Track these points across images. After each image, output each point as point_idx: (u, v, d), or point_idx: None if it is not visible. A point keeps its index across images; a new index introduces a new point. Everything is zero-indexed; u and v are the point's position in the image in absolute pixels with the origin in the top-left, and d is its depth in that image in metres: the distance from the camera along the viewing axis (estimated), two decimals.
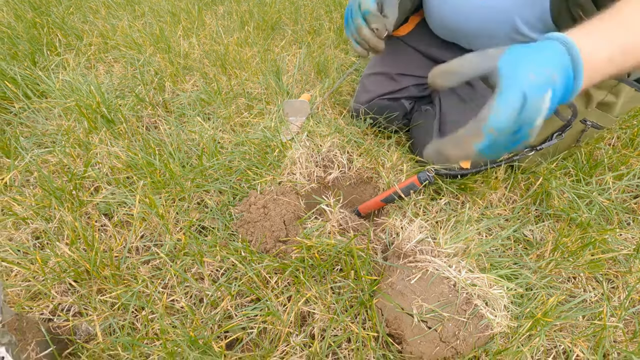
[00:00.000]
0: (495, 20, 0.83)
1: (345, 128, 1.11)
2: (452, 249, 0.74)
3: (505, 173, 0.97)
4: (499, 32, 0.84)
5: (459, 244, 0.75)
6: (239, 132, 1.10)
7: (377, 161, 1.02)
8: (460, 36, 0.95)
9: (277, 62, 1.34)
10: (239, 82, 1.27)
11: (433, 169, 0.90)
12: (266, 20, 1.63)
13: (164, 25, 1.57)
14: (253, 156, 0.95)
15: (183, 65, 1.32)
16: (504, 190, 0.94)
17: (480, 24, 0.85)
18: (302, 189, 0.98)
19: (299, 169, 0.98)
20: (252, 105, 1.17)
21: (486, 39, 0.87)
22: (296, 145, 1.01)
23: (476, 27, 0.87)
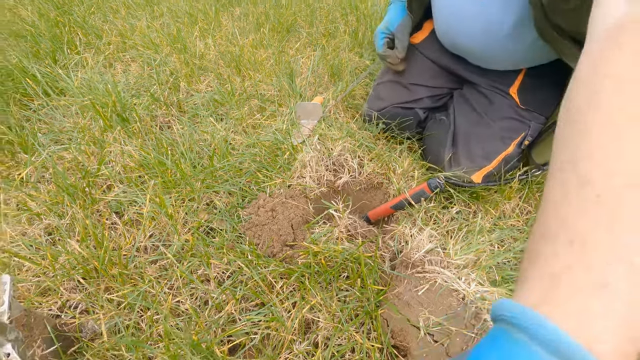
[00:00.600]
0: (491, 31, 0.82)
1: (357, 132, 1.10)
2: (462, 260, 0.72)
3: (520, 183, 0.94)
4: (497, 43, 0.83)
5: (470, 255, 0.73)
6: (250, 133, 1.11)
7: (388, 167, 1.01)
8: (462, 51, 0.94)
9: (290, 64, 1.34)
10: (252, 84, 1.28)
11: (444, 177, 0.88)
12: (282, 22, 1.63)
13: (181, 26, 1.58)
14: (263, 158, 0.95)
15: (198, 65, 1.33)
16: (518, 200, 0.91)
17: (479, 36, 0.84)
18: (311, 193, 0.97)
19: (309, 172, 0.97)
20: (265, 107, 1.17)
21: (487, 52, 0.86)
22: (307, 149, 1.01)
23: (475, 40, 0.86)
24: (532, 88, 0.89)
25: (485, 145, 0.91)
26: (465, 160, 0.92)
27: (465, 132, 0.95)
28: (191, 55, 1.35)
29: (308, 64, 1.43)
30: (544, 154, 0.91)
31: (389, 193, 1.00)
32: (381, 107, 1.08)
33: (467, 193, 0.91)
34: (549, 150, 0.90)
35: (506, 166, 0.90)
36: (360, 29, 1.68)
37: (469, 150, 0.93)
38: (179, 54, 1.34)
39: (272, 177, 0.92)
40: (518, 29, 0.77)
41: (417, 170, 0.98)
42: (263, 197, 0.87)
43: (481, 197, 0.90)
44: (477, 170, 0.91)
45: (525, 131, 0.90)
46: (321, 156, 1.04)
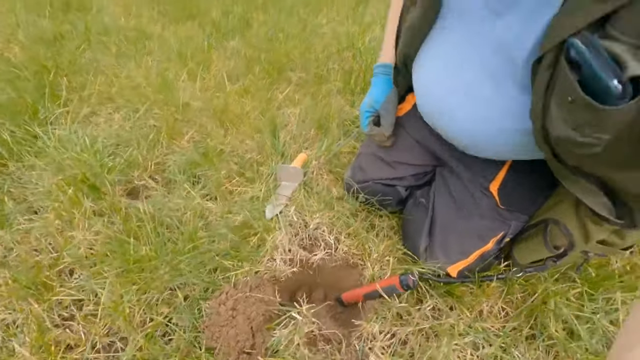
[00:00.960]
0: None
1: (337, 202, 1.06)
2: None
3: (500, 281, 0.89)
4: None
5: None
6: (227, 199, 1.07)
7: (364, 247, 0.96)
8: (444, 137, 0.86)
9: (275, 118, 1.30)
10: (234, 139, 1.24)
11: (417, 273, 0.83)
12: (273, 63, 1.59)
13: (169, 68, 1.56)
14: (230, 244, 0.91)
15: (181, 118, 1.30)
16: (497, 299, 0.86)
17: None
18: (282, 274, 0.94)
19: (279, 254, 0.93)
20: (243, 172, 1.13)
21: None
22: (281, 224, 0.97)
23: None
24: (514, 187, 0.83)
25: (463, 239, 0.86)
26: (441, 253, 0.87)
27: (443, 222, 0.90)
28: (175, 107, 1.32)
29: (296, 113, 1.39)
30: (525, 255, 0.85)
31: (364, 275, 0.96)
32: (362, 180, 1.03)
33: (442, 289, 0.86)
34: (531, 251, 0.84)
35: (483, 262, 0.85)
36: (354, 69, 1.63)
37: (445, 243, 0.88)
38: (162, 105, 1.32)
39: (240, 264, 0.88)
40: (509, 131, 0.70)
41: (393, 256, 0.93)
42: (227, 290, 0.83)
43: (457, 294, 0.85)
44: (453, 264, 0.86)
45: (505, 230, 0.85)
46: (296, 231, 1.01)
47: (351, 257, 0.98)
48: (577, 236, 0.77)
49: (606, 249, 0.77)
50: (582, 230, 0.76)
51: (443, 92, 0.75)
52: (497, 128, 0.70)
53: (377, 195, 1.00)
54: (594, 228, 0.74)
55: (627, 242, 0.74)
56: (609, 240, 0.74)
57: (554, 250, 0.80)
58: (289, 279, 0.97)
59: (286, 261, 0.95)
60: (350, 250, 0.97)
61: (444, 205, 0.91)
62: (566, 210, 0.79)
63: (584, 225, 0.76)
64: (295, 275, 0.99)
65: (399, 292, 0.83)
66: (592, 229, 0.75)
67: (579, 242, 0.77)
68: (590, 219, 0.74)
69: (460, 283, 0.86)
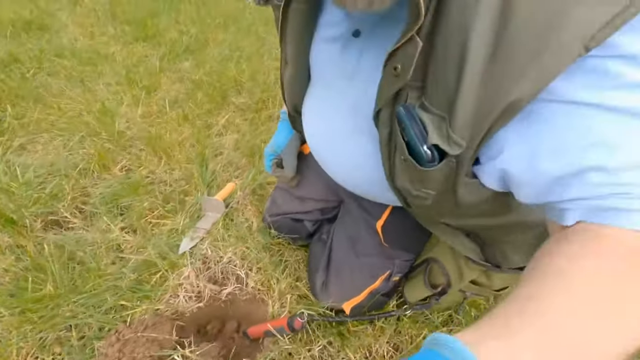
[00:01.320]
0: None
1: (253, 236, 1.08)
2: None
3: (392, 320, 0.91)
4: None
5: None
6: (147, 232, 1.10)
7: (269, 284, 0.99)
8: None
9: (206, 146, 1.32)
10: (164, 169, 1.27)
11: (306, 315, 0.85)
12: (218, 88, 1.61)
13: (119, 89, 1.58)
14: (130, 283, 0.93)
15: (114, 147, 1.33)
16: (389, 337, 0.88)
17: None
18: (187, 309, 0.96)
19: (183, 291, 0.96)
20: (166, 204, 1.16)
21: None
22: (187, 260, 0.99)
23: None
24: (396, 225, 0.86)
25: (355, 276, 0.89)
26: (336, 289, 0.90)
27: (338, 258, 0.92)
28: (110, 134, 1.35)
29: (233, 140, 1.41)
30: (413, 293, 0.88)
31: (268, 312, 0.98)
32: (275, 214, 1.05)
33: (334, 329, 0.88)
34: (417, 289, 0.87)
35: (373, 299, 0.88)
36: None
37: (339, 279, 0.90)
38: (97, 134, 1.34)
39: (138, 303, 0.91)
40: (375, 180, 0.72)
41: (292, 294, 0.95)
42: (120, 330, 0.86)
43: (347, 335, 0.87)
44: (347, 300, 0.89)
45: (390, 269, 0.87)
46: (207, 265, 1.03)
47: (257, 292, 1.00)
48: (453, 275, 0.80)
49: (479, 289, 0.79)
50: (456, 270, 0.80)
51: (319, 142, 0.77)
52: (364, 177, 0.72)
53: (287, 230, 1.03)
54: (465, 268, 0.77)
55: (494, 284, 0.77)
56: (479, 280, 0.77)
57: (431, 289, 0.83)
58: (197, 313, 0.99)
59: (192, 297, 0.97)
60: (256, 286, 0.99)
61: (340, 241, 0.93)
62: (444, 250, 0.83)
63: (458, 265, 0.79)
64: (204, 310, 1.01)
65: (288, 333, 0.85)
66: (464, 269, 0.78)
67: (455, 280, 0.80)
68: (462, 259, 0.77)
69: (351, 321, 0.88)
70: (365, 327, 0.89)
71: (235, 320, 1.04)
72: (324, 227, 1.03)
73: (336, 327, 0.89)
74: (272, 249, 1.08)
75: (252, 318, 1.04)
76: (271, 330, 0.86)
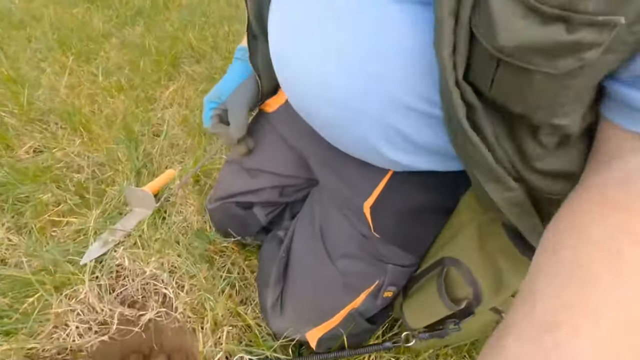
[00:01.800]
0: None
1: (185, 242, 0.79)
2: None
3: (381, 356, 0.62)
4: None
5: None
6: (45, 233, 0.81)
7: (203, 309, 0.70)
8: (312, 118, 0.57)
9: (137, 123, 1.02)
10: (84, 150, 0.97)
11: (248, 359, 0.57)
12: (168, 55, 1.31)
13: (49, 56, 1.28)
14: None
15: (22, 121, 1.02)
16: None
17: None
18: (84, 346, 0.67)
19: (76, 319, 0.67)
20: (70, 199, 0.86)
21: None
22: (85, 275, 0.70)
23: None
24: (393, 208, 0.57)
25: (325, 289, 0.60)
26: (295, 310, 0.61)
27: (300, 262, 0.64)
28: (17, 107, 1.04)
29: (178, 117, 1.11)
30: (419, 315, 0.59)
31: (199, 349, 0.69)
32: (217, 198, 0.77)
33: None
34: (425, 308, 0.58)
35: (351, 326, 0.59)
36: None
37: (301, 295, 0.62)
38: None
39: (5, 337, 0.62)
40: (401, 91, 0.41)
41: (233, 324, 0.66)
42: None
43: None
44: (312, 327, 0.60)
45: (380, 278, 0.58)
46: (121, 281, 0.74)
47: (187, 320, 0.71)
48: (485, 282, 0.51)
49: None
50: (491, 274, 0.50)
51: (300, 38, 0.46)
52: (385, 99, 0.42)
53: (231, 222, 0.75)
54: (509, 271, 0.48)
55: None
56: None
57: (452, 305, 0.53)
58: (100, 350, 0.71)
59: (91, 327, 0.68)
60: (186, 312, 0.71)
61: (305, 236, 0.64)
62: (467, 245, 0.53)
63: (494, 266, 0.50)
64: (112, 345, 0.72)
65: None
66: (505, 270, 0.48)
67: (487, 292, 0.51)
68: (504, 254, 0.48)
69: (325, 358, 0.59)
70: None
71: (165, 355, 0.76)
72: (283, 219, 0.75)
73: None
74: (213, 258, 0.79)
75: (187, 353, 0.76)
76: None
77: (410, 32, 0.35)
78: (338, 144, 0.55)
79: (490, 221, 0.51)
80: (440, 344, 0.60)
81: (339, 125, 0.47)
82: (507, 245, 0.48)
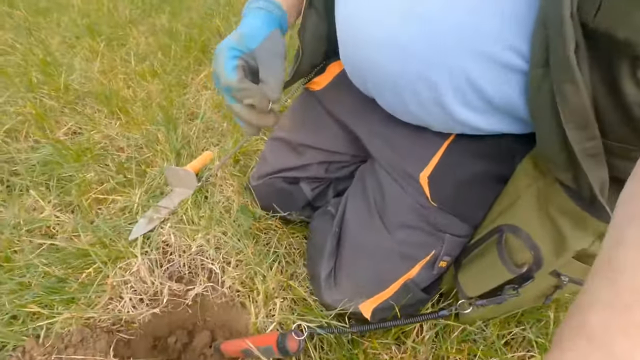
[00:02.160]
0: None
1: (229, 220, 0.80)
2: None
3: (432, 327, 0.63)
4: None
5: None
6: (91, 210, 0.82)
7: (252, 282, 0.71)
8: (374, 85, 0.57)
9: (175, 106, 1.03)
10: (122, 132, 0.98)
11: (306, 329, 0.58)
12: (197, 40, 1.32)
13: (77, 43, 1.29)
14: (41, 285, 0.65)
15: (60, 104, 1.04)
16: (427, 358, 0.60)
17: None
18: (136, 317, 0.68)
19: (130, 291, 0.68)
20: (114, 178, 0.87)
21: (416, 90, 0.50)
22: (137, 250, 0.71)
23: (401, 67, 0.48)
24: (452, 177, 0.57)
25: (378, 261, 0.61)
26: (349, 282, 0.62)
27: (354, 235, 0.64)
28: (54, 90, 1.05)
29: (212, 101, 1.12)
30: (475, 282, 0.59)
31: (250, 322, 0.70)
32: (262, 175, 0.78)
33: (344, 350, 0.60)
34: (482, 276, 0.58)
35: (407, 296, 0.59)
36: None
37: (356, 266, 0.62)
38: (35, 91, 1.05)
39: (61, 307, 0.63)
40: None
41: (284, 297, 0.67)
42: (28, 349, 0.58)
43: (365, 356, 0.60)
44: (366, 299, 0.61)
45: (437, 248, 0.59)
46: (169, 256, 0.75)
47: (236, 294, 0.72)
48: (546, 246, 0.51)
49: (589, 269, 0.50)
50: (552, 237, 0.50)
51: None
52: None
53: (277, 198, 0.75)
54: (571, 231, 0.48)
55: None
56: (594, 251, 0.48)
57: (515, 269, 0.53)
58: (151, 323, 0.72)
59: (143, 300, 0.69)
60: (235, 285, 0.72)
61: (356, 212, 0.65)
62: (526, 211, 0.53)
63: (556, 228, 0.50)
64: (162, 317, 0.74)
65: (275, 355, 0.58)
66: (568, 232, 0.48)
67: (548, 255, 0.51)
68: (565, 215, 0.48)
69: (376, 328, 0.60)
70: (389, 349, 0.61)
71: (208, 331, 0.77)
72: (327, 195, 0.76)
73: (348, 347, 0.61)
74: (258, 235, 0.80)
75: (231, 329, 0.77)
76: (253, 351, 0.59)
77: None
78: (398, 108, 0.55)
79: (548, 185, 0.51)
80: (497, 312, 0.60)
81: (408, 83, 0.48)
82: (568, 205, 0.48)
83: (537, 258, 0.52)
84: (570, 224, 0.49)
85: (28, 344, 0.59)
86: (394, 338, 0.61)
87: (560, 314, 0.62)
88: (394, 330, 0.62)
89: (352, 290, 0.62)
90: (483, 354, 0.57)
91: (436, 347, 0.62)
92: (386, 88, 0.54)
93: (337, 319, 0.66)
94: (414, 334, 0.63)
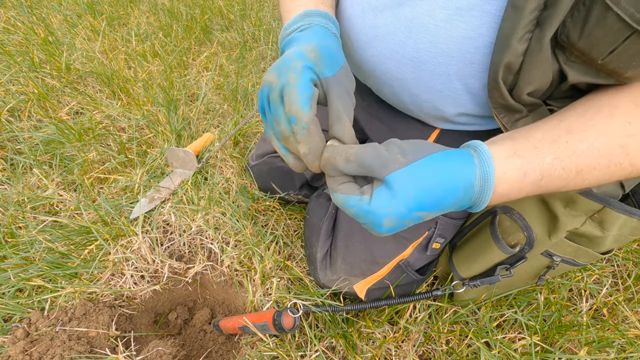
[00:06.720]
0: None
1: (228, 201, 0.81)
2: None
3: (424, 308, 0.64)
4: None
5: None
6: (92, 189, 0.83)
7: (250, 262, 0.72)
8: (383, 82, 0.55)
9: (176, 87, 1.03)
10: (123, 112, 0.98)
11: (301, 307, 0.59)
12: (198, 21, 1.30)
13: (78, 22, 1.28)
14: (45, 260, 0.66)
15: (62, 83, 1.04)
16: (412, 348, 0.62)
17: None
18: (138, 293, 0.70)
19: (131, 268, 0.69)
20: (115, 157, 0.88)
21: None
22: (139, 228, 0.73)
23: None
24: None
25: (372, 242, 0.62)
26: (344, 262, 0.63)
27: (348, 218, 0.65)
28: (56, 69, 1.05)
29: (213, 82, 1.11)
30: (468, 263, 0.60)
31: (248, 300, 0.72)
32: (261, 154, 0.78)
33: (338, 328, 0.62)
34: (475, 256, 0.59)
35: (400, 278, 0.61)
36: None
37: (351, 247, 0.63)
38: (36, 70, 1.05)
39: (65, 282, 0.65)
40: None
41: (281, 276, 0.69)
42: (33, 320, 0.60)
43: (359, 336, 0.61)
44: (361, 278, 0.62)
45: (429, 229, 0.59)
46: (169, 235, 0.77)
47: (235, 273, 0.74)
48: (539, 228, 0.52)
49: (580, 249, 0.52)
50: (545, 216, 0.52)
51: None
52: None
53: (275, 177, 0.76)
54: (563, 210, 0.49)
55: (607, 238, 0.48)
56: (585, 231, 0.49)
57: (507, 249, 0.54)
58: (152, 299, 0.74)
59: (144, 276, 0.71)
60: (233, 265, 0.73)
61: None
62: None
63: (548, 207, 0.51)
64: (163, 294, 0.76)
65: (272, 332, 0.59)
66: (560, 212, 0.49)
67: (541, 235, 0.52)
68: (557, 196, 0.49)
69: (366, 313, 0.62)
70: (383, 328, 0.62)
71: (208, 308, 0.80)
72: (324, 177, 0.76)
73: (342, 326, 0.62)
74: (256, 216, 0.81)
75: (229, 306, 0.79)
76: (250, 327, 0.60)
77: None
78: (395, 103, 0.56)
79: None
80: (489, 294, 0.61)
81: (422, 73, 0.47)
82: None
83: (530, 238, 0.53)
84: (561, 204, 0.49)
85: (33, 315, 0.61)
86: (387, 318, 0.62)
87: (550, 297, 0.63)
88: (387, 311, 0.63)
89: (347, 271, 0.63)
90: (474, 335, 0.59)
91: (429, 327, 0.63)
92: (385, 87, 0.54)
93: (333, 299, 0.67)
94: (407, 314, 0.64)
